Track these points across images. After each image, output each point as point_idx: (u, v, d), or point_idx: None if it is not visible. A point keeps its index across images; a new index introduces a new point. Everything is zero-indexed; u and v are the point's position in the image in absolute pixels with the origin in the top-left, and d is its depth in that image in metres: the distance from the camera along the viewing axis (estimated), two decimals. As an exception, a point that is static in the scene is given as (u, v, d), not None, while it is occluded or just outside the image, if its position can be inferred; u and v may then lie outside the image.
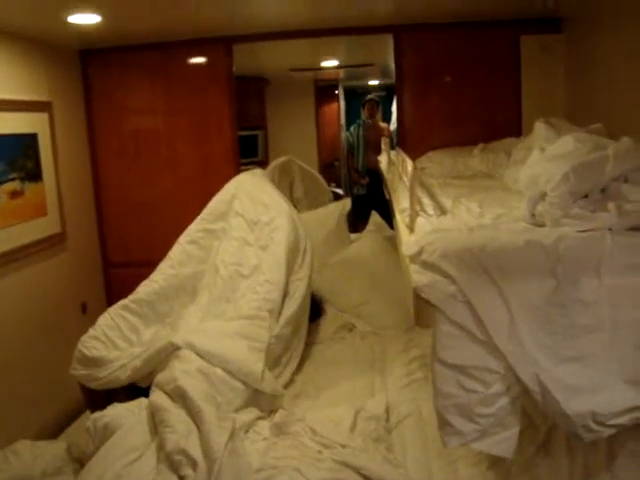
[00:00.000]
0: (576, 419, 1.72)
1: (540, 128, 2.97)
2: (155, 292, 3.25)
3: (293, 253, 3.54)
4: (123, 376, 2.93)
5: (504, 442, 1.83)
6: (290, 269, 3.48)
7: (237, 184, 3.82)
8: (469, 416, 1.79)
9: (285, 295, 3.40)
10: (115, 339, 3.12)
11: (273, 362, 3.17)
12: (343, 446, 2.48)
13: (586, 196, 1.89)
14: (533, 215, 2.01)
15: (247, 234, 3.56)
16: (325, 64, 6.00)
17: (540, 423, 2.37)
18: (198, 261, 3.52)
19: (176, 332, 3.09)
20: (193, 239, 3.52)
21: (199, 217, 3.65)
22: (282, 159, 4.61)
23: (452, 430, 1.82)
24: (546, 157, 2.25)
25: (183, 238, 3.56)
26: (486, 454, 2.25)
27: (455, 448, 2.35)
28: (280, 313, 3.34)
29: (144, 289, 3.29)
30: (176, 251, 3.50)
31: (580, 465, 2.17)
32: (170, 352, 2.86)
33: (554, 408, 1.73)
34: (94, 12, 3.45)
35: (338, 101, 7.35)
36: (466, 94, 4.52)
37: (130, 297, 3.25)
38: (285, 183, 4.59)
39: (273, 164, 4.57)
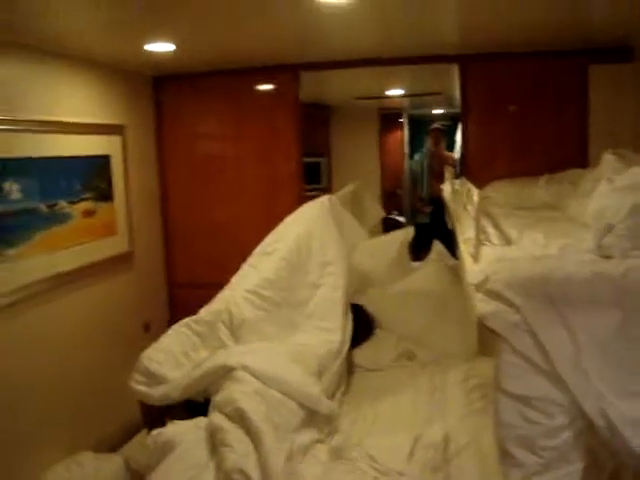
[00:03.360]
0: (643, 456, 1.68)
1: (609, 159, 2.93)
2: (215, 313, 3.29)
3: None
4: (175, 394, 2.97)
5: (567, 477, 1.80)
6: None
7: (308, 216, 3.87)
8: (532, 448, 1.76)
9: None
10: (177, 354, 3.16)
11: (330, 397, 3.18)
12: (400, 474, 2.46)
13: (656, 229, 1.86)
14: (600, 247, 1.99)
15: (299, 261, 3.59)
16: (390, 92, 6.05)
17: (606, 460, 2.30)
18: None
19: (228, 351, 3.11)
20: (252, 263, 3.56)
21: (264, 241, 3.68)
22: (353, 185, 4.58)
23: (514, 462, 1.80)
24: (614, 188, 2.22)
25: (245, 263, 3.60)
26: (547, 489, 2.20)
27: (515, 481, 2.31)
28: (340, 352, 3.43)
29: (206, 309, 3.34)
30: (237, 275, 3.54)
31: (647, 506, 2.11)
32: (224, 373, 2.89)
33: (620, 444, 1.70)
34: (170, 41, 3.60)
35: (402, 129, 7.37)
36: (532, 124, 4.49)
37: (192, 317, 3.31)
38: (357, 211, 4.58)
39: (345, 190, 4.53)
